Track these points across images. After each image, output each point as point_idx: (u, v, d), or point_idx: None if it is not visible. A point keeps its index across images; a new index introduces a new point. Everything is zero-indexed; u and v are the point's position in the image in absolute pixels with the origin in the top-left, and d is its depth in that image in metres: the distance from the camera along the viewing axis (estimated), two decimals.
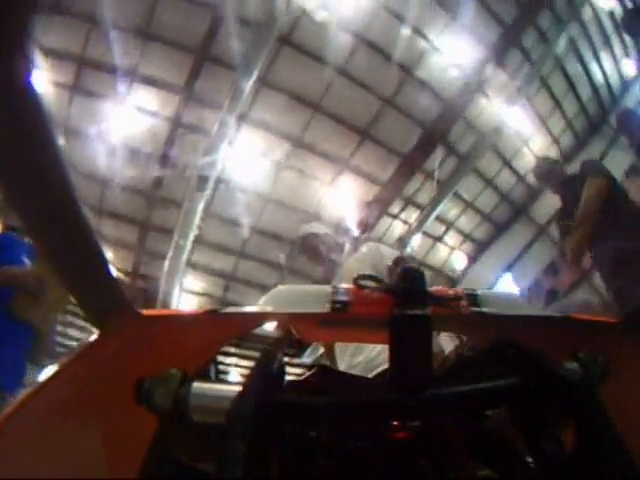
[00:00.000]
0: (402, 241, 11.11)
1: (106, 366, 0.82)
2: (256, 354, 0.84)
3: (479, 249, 13.17)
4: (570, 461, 0.73)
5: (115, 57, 8.78)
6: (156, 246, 10.79)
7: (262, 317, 0.95)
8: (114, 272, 0.87)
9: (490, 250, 13.09)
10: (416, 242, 11.15)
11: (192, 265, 10.98)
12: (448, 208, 11.88)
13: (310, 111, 9.94)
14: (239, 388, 0.73)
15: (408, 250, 10.64)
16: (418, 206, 11.61)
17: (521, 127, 11.34)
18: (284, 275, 11.15)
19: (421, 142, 10.72)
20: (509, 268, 12.90)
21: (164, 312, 0.97)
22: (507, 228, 13.02)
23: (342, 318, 0.96)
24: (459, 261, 12.92)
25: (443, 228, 12.32)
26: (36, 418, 0.75)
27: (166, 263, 9.89)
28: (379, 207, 10.70)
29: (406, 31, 9.46)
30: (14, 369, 2.60)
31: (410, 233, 11.26)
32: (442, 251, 12.63)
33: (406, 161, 10.85)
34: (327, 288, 0.95)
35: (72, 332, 9.87)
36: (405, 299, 0.78)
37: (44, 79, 9.12)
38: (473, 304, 0.92)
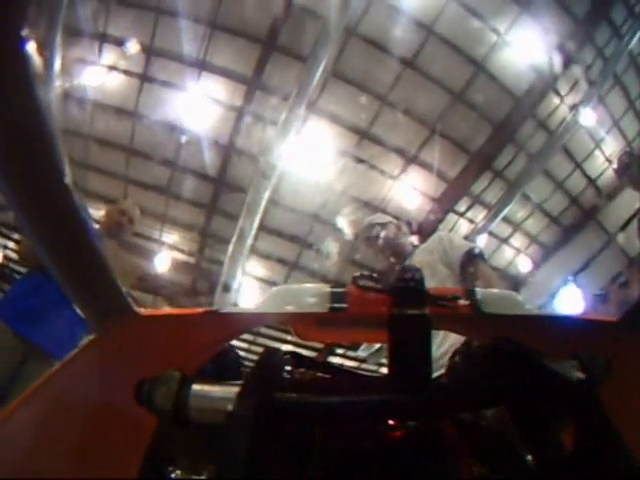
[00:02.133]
0: (467, 240, 10.75)
1: (106, 366, 0.83)
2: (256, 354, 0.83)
3: (545, 253, 12.64)
4: (570, 460, 0.72)
5: (183, 47, 9.15)
6: (221, 230, 11.07)
7: (261, 317, 0.95)
8: (114, 273, 0.81)
9: (556, 255, 12.54)
10: (482, 242, 10.71)
11: (255, 251, 11.10)
12: (516, 209, 11.41)
13: (378, 103, 9.78)
14: (239, 388, 0.73)
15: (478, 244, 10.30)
16: (485, 205, 11.24)
17: (593, 128, 10.75)
18: (345, 267, 11.16)
19: (490, 140, 10.36)
20: (575, 275, 12.32)
21: (164, 312, 1.00)
22: (575, 233, 12.36)
23: (341, 318, 0.95)
24: (524, 264, 12.44)
25: (510, 230, 11.86)
26: (36, 416, 0.76)
27: (230, 247, 10.04)
28: (446, 204, 10.38)
29: (476, 23, 9.19)
30: (70, 338, 2.73)
31: (476, 232, 10.87)
32: (507, 253, 12.16)
33: (475, 159, 10.52)
34: (326, 288, 0.93)
35: None
36: (404, 299, 0.78)
37: (115, 68, 9.70)
38: (472, 304, 0.91)
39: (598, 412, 0.68)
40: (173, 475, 0.87)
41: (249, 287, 11.98)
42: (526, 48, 9.59)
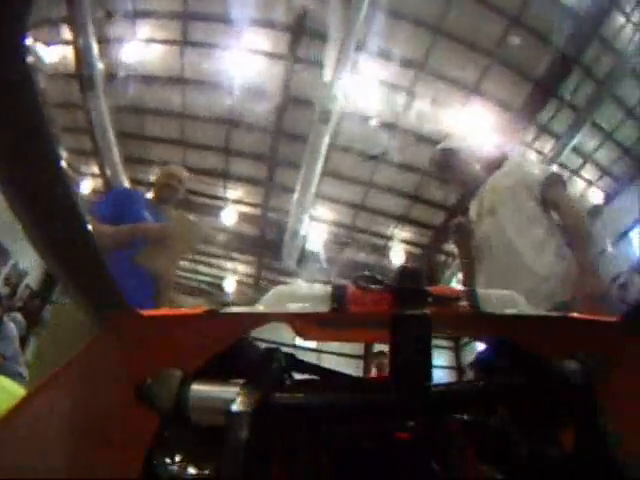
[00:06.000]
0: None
1: (106, 366, 0.83)
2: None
3: (618, 186, 11.93)
4: (570, 461, 0.74)
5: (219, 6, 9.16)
6: (284, 180, 11.12)
7: (262, 317, 0.94)
8: (112, 272, 0.75)
9: (631, 188, 11.85)
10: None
11: (321, 196, 11.17)
12: (586, 139, 10.72)
13: (431, 33, 9.32)
14: (240, 388, 0.73)
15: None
16: (553, 135, 10.63)
17: None
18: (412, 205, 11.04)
19: (554, 65, 9.63)
20: None
21: (164, 312, 0.95)
22: None
23: (343, 317, 0.94)
24: (595, 197, 11.84)
25: (580, 161, 11.22)
26: (37, 418, 0.75)
27: (295, 195, 10.12)
28: (511, 134, 9.91)
29: None
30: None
31: (545, 163, 10.32)
32: (578, 185, 11.54)
33: (538, 86, 9.88)
34: (327, 288, 0.91)
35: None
36: (405, 298, 0.79)
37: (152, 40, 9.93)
38: (473, 304, 0.89)
39: (598, 412, 0.69)
40: (174, 473, 0.87)
41: (317, 232, 12.25)
42: None
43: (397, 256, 13.52)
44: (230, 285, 16.34)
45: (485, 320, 0.91)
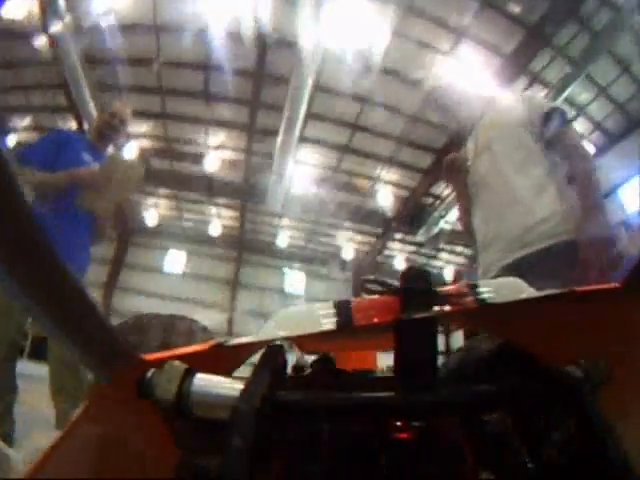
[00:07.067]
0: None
1: (118, 415, 0.82)
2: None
3: (609, 141, 11.84)
4: (570, 464, 0.74)
5: None
6: (267, 123, 10.96)
7: (267, 343, 0.91)
8: (110, 321, 0.73)
9: (621, 145, 11.71)
10: None
11: (305, 139, 11.06)
12: (579, 91, 10.53)
13: None
14: (243, 384, 0.73)
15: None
16: (545, 84, 10.42)
17: None
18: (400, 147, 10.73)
19: (550, 12, 9.31)
20: None
21: (168, 354, 0.89)
22: None
23: (348, 332, 0.93)
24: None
25: (572, 113, 10.98)
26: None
27: (279, 139, 9.96)
28: (502, 81, 9.61)
29: None
30: (85, 251, 3.06)
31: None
32: None
33: (532, 33, 9.60)
34: (329, 305, 0.90)
35: None
36: (410, 301, 0.80)
37: None
38: (476, 297, 0.87)
39: (598, 415, 0.68)
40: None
41: (302, 175, 12.23)
42: None
43: (384, 198, 13.52)
44: (215, 229, 16.39)
45: (489, 310, 0.90)
